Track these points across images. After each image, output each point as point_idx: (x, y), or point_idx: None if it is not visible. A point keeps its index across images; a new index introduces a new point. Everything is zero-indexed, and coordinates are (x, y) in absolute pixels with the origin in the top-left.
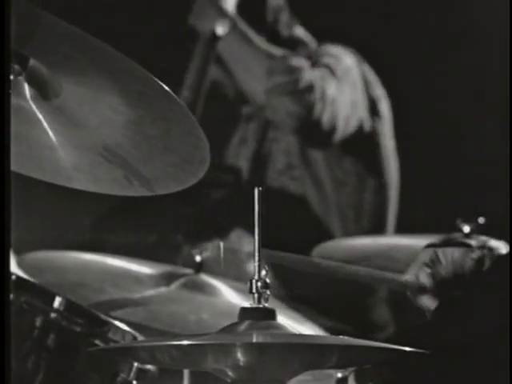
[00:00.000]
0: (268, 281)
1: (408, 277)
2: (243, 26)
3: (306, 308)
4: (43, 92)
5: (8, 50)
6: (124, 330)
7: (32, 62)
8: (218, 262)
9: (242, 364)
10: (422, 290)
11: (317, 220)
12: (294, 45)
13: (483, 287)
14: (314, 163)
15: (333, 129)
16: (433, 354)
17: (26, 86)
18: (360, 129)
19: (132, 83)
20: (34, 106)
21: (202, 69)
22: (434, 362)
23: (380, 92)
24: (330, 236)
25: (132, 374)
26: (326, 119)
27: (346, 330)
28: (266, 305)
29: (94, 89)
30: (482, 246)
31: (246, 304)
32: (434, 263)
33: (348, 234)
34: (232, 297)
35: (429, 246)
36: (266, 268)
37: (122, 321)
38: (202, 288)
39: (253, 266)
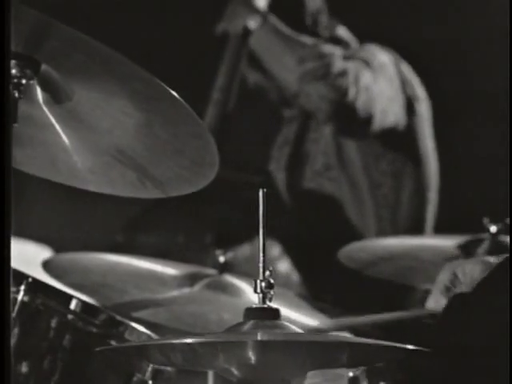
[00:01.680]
0: (272, 281)
1: (431, 305)
2: (274, 19)
3: (332, 308)
4: (55, 96)
5: (8, 50)
6: (140, 331)
7: (44, 66)
8: (245, 262)
9: (252, 363)
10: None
11: (352, 221)
12: (335, 44)
13: (485, 287)
14: (350, 164)
15: (369, 118)
16: (438, 353)
17: (39, 90)
18: (397, 127)
19: (140, 88)
20: (46, 110)
21: (233, 69)
22: (439, 361)
23: (419, 92)
24: (363, 238)
25: (148, 374)
26: (360, 105)
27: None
28: (271, 304)
29: (104, 93)
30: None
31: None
32: (454, 284)
33: (384, 236)
34: (255, 297)
35: (448, 264)
36: (271, 269)
37: (143, 321)
38: (225, 288)
39: (281, 267)
